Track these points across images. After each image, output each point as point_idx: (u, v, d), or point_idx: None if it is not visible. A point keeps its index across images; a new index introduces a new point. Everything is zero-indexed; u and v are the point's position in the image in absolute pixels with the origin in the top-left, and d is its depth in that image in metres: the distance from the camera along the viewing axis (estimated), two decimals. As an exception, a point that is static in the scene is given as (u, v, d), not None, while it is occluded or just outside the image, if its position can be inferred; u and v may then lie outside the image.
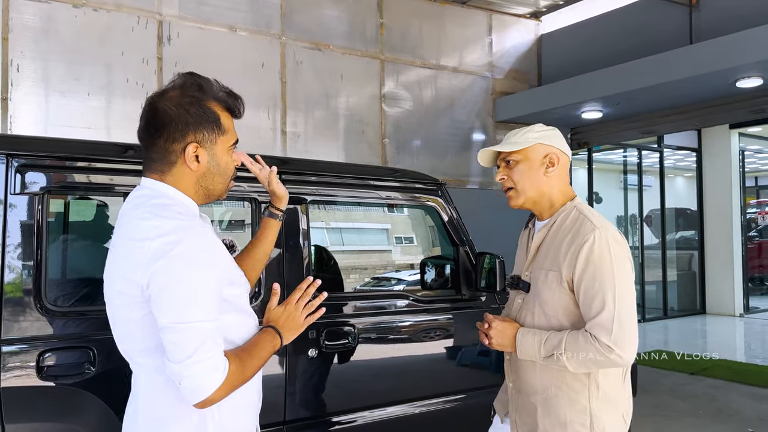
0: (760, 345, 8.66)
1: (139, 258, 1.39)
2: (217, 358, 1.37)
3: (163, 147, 1.49)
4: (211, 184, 1.56)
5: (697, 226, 11.39)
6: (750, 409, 5.31)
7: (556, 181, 1.90)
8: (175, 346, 1.35)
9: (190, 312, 1.36)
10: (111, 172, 2.36)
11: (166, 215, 1.43)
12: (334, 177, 2.99)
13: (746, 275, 11.20)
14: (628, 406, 1.89)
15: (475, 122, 8.11)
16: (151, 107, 1.50)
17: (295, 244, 2.76)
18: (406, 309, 3.11)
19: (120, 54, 5.69)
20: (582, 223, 1.80)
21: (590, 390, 1.80)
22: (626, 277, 1.75)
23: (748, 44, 5.75)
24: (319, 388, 2.78)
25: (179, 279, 1.36)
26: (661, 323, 10.30)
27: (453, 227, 3.25)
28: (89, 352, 2.21)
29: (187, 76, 1.54)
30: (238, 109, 1.59)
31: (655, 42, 7.05)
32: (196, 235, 1.42)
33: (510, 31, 8.55)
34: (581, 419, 1.80)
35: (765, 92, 6.65)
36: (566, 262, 1.78)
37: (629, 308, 1.73)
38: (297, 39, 6.75)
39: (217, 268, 1.44)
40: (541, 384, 1.87)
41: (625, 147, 10.90)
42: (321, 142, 6.83)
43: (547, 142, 1.89)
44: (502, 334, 1.88)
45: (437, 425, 3.13)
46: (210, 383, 1.35)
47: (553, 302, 1.83)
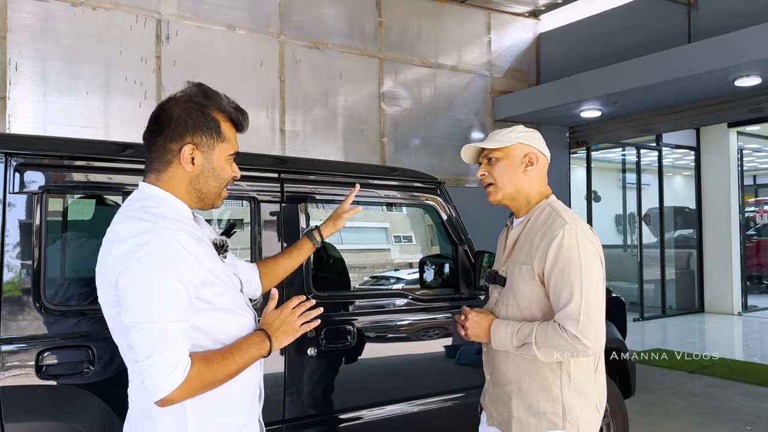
0: (758, 343, 8.67)
1: (111, 259, 1.47)
2: (177, 358, 1.40)
3: (161, 146, 1.57)
4: (204, 187, 1.62)
5: (696, 225, 11.40)
6: (748, 408, 5.32)
7: (534, 180, 2.00)
8: (137, 346, 1.41)
9: (150, 313, 1.41)
10: (110, 171, 2.36)
11: (139, 217, 1.49)
12: (334, 176, 2.99)
13: (744, 274, 11.22)
14: (602, 397, 1.96)
15: (474, 121, 8.11)
16: (158, 109, 1.61)
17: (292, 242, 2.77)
18: (405, 308, 3.11)
19: (118, 53, 5.68)
20: (554, 219, 1.89)
21: (562, 380, 1.87)
22: (594, 271, 1.82)
23: (746, 43, 5.76)
24: (319, 387, 2.78)
25: (140, 280, 1.41)
26: (659, 322, 10.31)
27: (452, 226, 3.26)
28: (88, 351, 2.21)
29: (196, 86, 1.62)
30: (242, 122, 1.66)
31: (653, 41, 7.06)
32: (164, 237, 1.45)
33: (509, 29, 8.55)
34: (554, 408, 1.87)
35: (763, 91, 6.65)
36: (538, 256, 1.87)
37: (596, 300, 1.80)
38: (296, 38, 6.75)
39: (183, 271, 1.46)
40: (515, 374, 1.94)
41: (623, 146, 10.90)
42: (320, 140, 6.83)
43: (528, 143, 1.99)
44: (478, 325, 1.97)
45: (436, 424, 3.13)
46: (166, 383, 1.39)
47: (525, 295, 1.91)
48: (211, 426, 1.55)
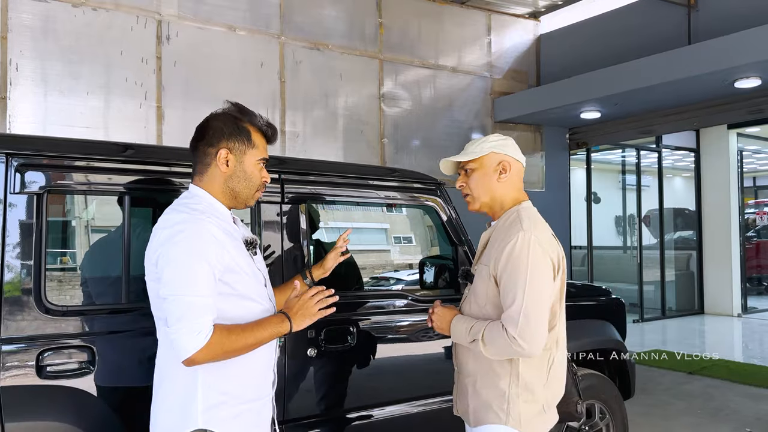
0: (758, 345, 8.67)
1: (154, 242, 1.79)
2: (202, 326, 1.68)
3: (202, 150, 1.90)
4: (236, 187, 1.91)
5: (696, 226, 11.40)
6: (748, 409, 5.32)
7: (509, 188, 2.10)
8: (169, 313, 1.71)
9: (182, 286, 1.70)
10: (111, 172, 2.36)
11: (180, 210, 1.82)
12: (334, 177, 2.99)
13: (744, 275, 11.22)
14: (552, 398, 2.05)
15: (473, 122, 8.12)
16: (203, 122, 1.94)
17: (295, 244, 2.77)
18: (405, 309, 3.11)
19: (119, 53, 5.69)
20: (513, 225, 2.00)
21: (511, 377, 1.98)
22: (540, 277, 1.91)
23: (746, 44, 5.76)
24: (318, 388, 2.79)
25: (175, 260, 1.72)
26: (659, 323, 10.31)
27: (452, 227, 3.26)
28: (89, 352, 2.22)
29: (234, 104, 1.96)
30: (269, 134, 1.98)
31: (653, 42, 7.07)
32: (196, 226, 1.76)
33: (509, 31, 8.56)
34: (499, 402, 1.98)
35: (763, 92, 6.66)
36: (494, 258, 1.99)
37: (537, 305, 1.89)
38: (296, 38, 6.76)
39: (210, 254, 1.74)
40: (473, 367, 2.07)
41: (623, 147, 10.90)
42: (320, 141, 6.84)
43: (501, 151, 2.08)
44: (442, 318, 2.11)
45: (436, 424, 3.13)
46: (191, 345, 1.67)
47: (483, 294, 2.03)
48: (218, 395, 1.78)
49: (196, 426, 1.75)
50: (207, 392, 1.77)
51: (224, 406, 1.79)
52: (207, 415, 1.76)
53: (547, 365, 2.02)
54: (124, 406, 2.28)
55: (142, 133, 5.68)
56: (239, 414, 1.82)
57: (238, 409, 1.82)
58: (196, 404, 1.76)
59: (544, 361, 2.01)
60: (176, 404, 1.78)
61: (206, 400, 1.77)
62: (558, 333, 2.05)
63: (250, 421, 1.86)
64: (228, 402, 1.80)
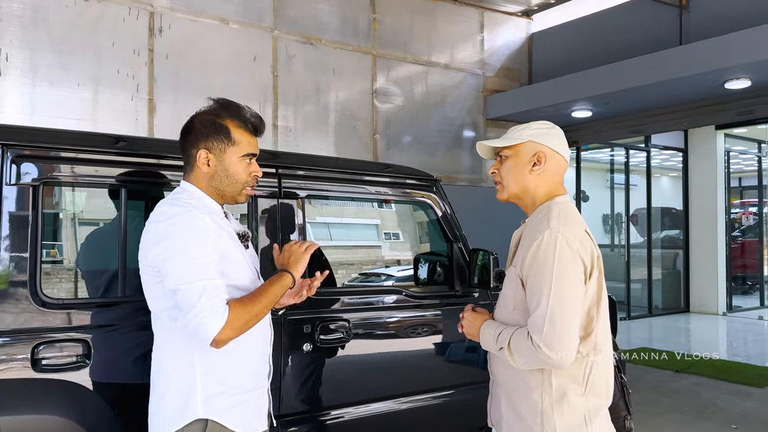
0: (743, 343, 8.78)
1: (150, 236, 1.81)
2: (217, 306, 1.71)
3: (186, 151, 1.94)
4: (220, 185, 1.92)
5: (682, 226, 11.51)
6: (734, 407, 5.39)
7: (542, 181, 1.93)
8: (183, 303, 1.72)
9: (188, 275, 1.72)
10: (108, 164, 2.34)
11: (173, 204, 1.85)
12: (329, 172, 2.98)
13: (729, 274, 11.35)
14: (593, 408, 1.83)
15: (465, 119, 8.13)
16: (187, 122, 1.96)
17: (290, 239, 2.77)
18: (400, 305, 3.12)
19: (110, 45, 5.63)
20: (541, 222, 1.84)
21: (543, 386, 1.81)
22: (567, 279, 1.74)
23: (737, 46, 5.82)
24: (313, 383, 2.78)
25: (177, 251, 1.75)
26: (645, 321, 10.41)
27: (447, 223, 3.27)
28: (84, 345, 2.20)
29: (217, 101, 1.95)
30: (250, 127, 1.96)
31: (645, 42, 7.11)
32: (189, 218, 1.79)
33: (501, 28, 8.57)
34: (533, 416, 1.82)
35: (753, 94, 6.72)
36: (521, 258, 1.84)
37: (564, 311, 1.72)
38: (289, 32, 6.73)
39: (208, 241, 1.78)
40: (504, 376, 1.92)
41: (612, 146, 10.98)
42: (312, 136, 6.81)
43: (540, 141, 1.92)
44: (471, 324, 1.99)
45: (430, 420, 3.14)
46: (213, 326, 1.69)
47: (511, 297, 1.88)
48: (217, 385, 1.81)
49: (197, 416, 1.78)
50: (206, 382, 1.80)
51: (223, 396, 1.82)
52: (207, 404, 1.79)
53: (584, 373, 1.81)
54: (120, 400, 2.27)
55: (133, 125, 5.63)
56: (238, 404, 1.85)
57: (237, 399, 1.85)
58: (195, 394, 1.78)
59: (580, 369, 1.81)
60: (176, 395, 1.80)
61: (205, 390, 1.79)
62: (597, 341, 1.84)
63: (249, 410, 1.89)
64: (226, 392, 1.83)
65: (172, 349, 1.82)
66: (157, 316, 1.86)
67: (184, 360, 1.78)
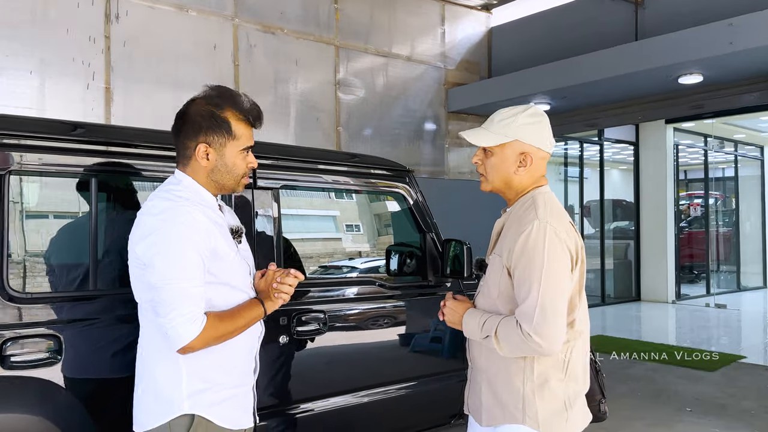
0: (692, 330, 9.12)
1: (140, 229, 1.76)
2: (196, 314, 1.68)
3: (182, 143, 1.86)
4: (220, 179, 1.87)
5: (634, 217, 11.87)
6: (687, 391, 5.60)
7: (527, 176, 1.93)
8: (162, 302, 1.69)
9: (172, 275, 1.68)
10: (76, 152, 2.26)
11: (166, 197, 1.79)
12: (307, 162, 2.96)
13: (678, 264, 11.78)
14: (572, 394, 1.88)
15: (427, 112, 8.17)
16: (181, 111, 1.86)
17: (266, 231, 2.73)
18: (372, 295, 3.12)
19: (65, 31, 5.42)
20: (527, 213, 1.85)
21: (525, 373, 1.84)
22: (556, 269, 1.77)
23: (690, 42, 6.01)
24: (288, 375, 2.76)
25: (164, 248, 1.70)
26: (599, 309, 10.70)
27: (420, 214, 3.28)
28: (56, 341, 2.13)
29: (212, 89, 1.86)
30: (253, 119, 1.89)
31: (602, 38, 7.27)
32: (182, 214, 1.73)
33: (462, 22, 8.63)
34: (515, 402, 1.84)
35: (705, 88, 6.97)
36: (507, 248, 1.84)
37: (554, 300, 1.75)
38: (250, 21, 6.61)
39: (198, 240, 1.72)
40: (485, 363, 1.93)
41: (566, 140, 11.22)
42: (274, 127, 6.72)
43: (526, 140, 1.89)
44: (453, 312, 1.98)
45: (404, 409, 3.16)
46: (188, 333, 1.66)
47: (495, 286, 1.89)
48: (202, 382, 1.78)
49: (182, 411, 1.75)
50: (191, 379, 1.76)
51: (208, 392, 1.79)
52: (191, 400, 1.76)
53: (565, 359, 1.86)
54: (94, 398, 2.20)
55: (90, 115, 5.44)
56: (224, 400, 1.82)
57: (222, 395, 1.82)
58: (180, 391, 1.75)
59: (561, 356, 1.85)
60: (160, 391, 1.77)
61: (190, 386, 1.76)
62: (578, 328, 1.88)
63: (234, 406, 1.86)
64: (212, 388, 1.80)
65: (158, 342, 1.77)
66: (143, 308, 1.82)
67: (170, 354, 1.73)
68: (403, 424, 3.22)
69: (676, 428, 4.61)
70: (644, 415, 4.91)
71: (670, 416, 4.87)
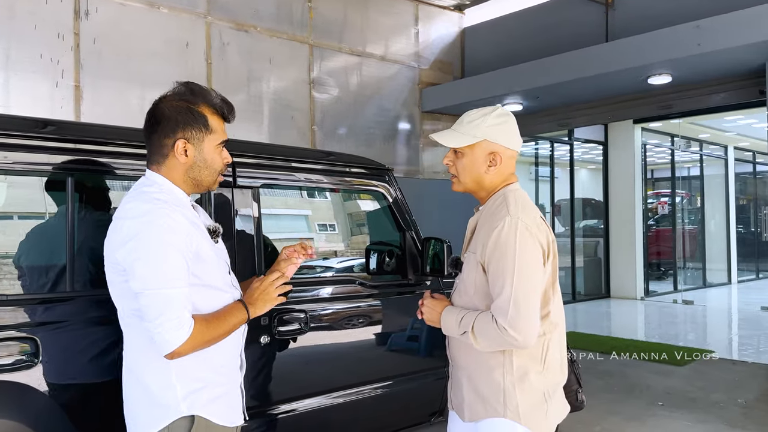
0: (661, 325, 9.31)
1: (118, 233, 1.70)
2: (183, 319, 1.65)
3: (157, 142, 1.80)
4: (198, 176, 1.84)
5: (603, 216, 12.08)
6: (658, 385, 5.71)
7: (497, 175, 1.98)
8: (147, 309, 1.65)
9: (157, 281, 1.64)
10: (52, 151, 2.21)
11: (144, 199, 1.73)
12: (285, 161, 2.94)
13: (646, 261, 12.02)
14: (551, 385, 1.93)
15: (401, 111, 8.18)
16: (153, 108, 1.81)
17: (246, 230, 2.70)
18: (353, 294, 3.11)
19: (32, 28, 5.28)
20: (499, 209, 1.90)
21: (504, 367, 1.88)
22: (529, 263, 1.82)
23: (659, 43, 6.13)
24: (270, 376, 2.74)
25: (147, 253, 1.65)
26: (570, 306, 10.85)
27: (400, 212, 3.29)
28: (32, 343, 2.07)
29: (183, 84, 1.82)
30: (227, 113, 1.87)
31: (573, 38, 7.37)
32: (162, 216, 1.68)
33: (435, 22, 8.66)
34: (496, 395, 1.88)
35: (673, 89, 7.11)
36: (481, 245, 1.89)
37: (527, 293, 1.80)
38: (222, 19, 6.53)
39: (180, 243, 1.69)
40: (465, 360, 1.97)
41: (537, 140, 11.35)
42: (248, 126, 6.66)
43: (495, 140, 1.94)
44: (431, 310, 2.01)
45: (384, 407, 3.16)
46: (175, 339, 1.64)
47: (471, 283, 1.93)
48: (194, 381, 1.75)
49: (180, 414, 1.72)
50: (183, 380, 1.73)
51: (203, 390, 1.77)
52: (188, 401, 1.73)
53: (542, 352, 1.91)
54: (72, 401, 2.15)
55: (59, 113, 5.31)
56: (218, 397, 1.80)
57: (216, 392, 1.80)
58: (174, 393, 1.72)
59: (538, 348, 1.90)
60: (153, 397, 1.73)
61: (184, 386, 1.73)
62: (553, 320, 1.94)
63: (227, 404, 1.84)
64: (206, 387, 1.78)
65: (144, 348, 1.72)
66: (126, 315, 1.77)
67: (157, 359, 1.69)
68: (383, 423, 3.22)
69: (649, 422, 4.70)
70: (620, 409, 5.00)
71: (644, 410, 4.96)
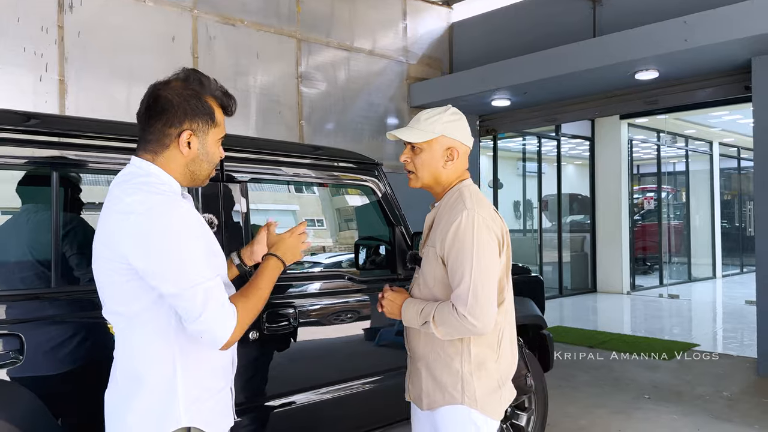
0: (647, 319, 9.39)
1: (125, 229, 1.55)
2: (226, 307, 1.58)
3: (160, 130, 1.66)
4: (198, 169, 1.73)
5: (589, 211, 12.16)
6: (645, 378, 5.77)
7: (453, 171, 2.07)
8: (186, 310, 1.55)
9: (189, 277, 1.54)
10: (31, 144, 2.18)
11: (150, 191, 1.59)
12: (273, 155, 2.92)
13: (632, 256, 12.12)
14: (505, 374, 2.06)
15: (390, 107, 8.16)
16: (154, 94, 1.67)
17: (235, 224, 2.68)
18: (342, 289, 3.10)
19: (15, 20, 5.20)
20: (456, 204, 1.99)
21: (462, 356, 1.98)
22: (486, 254, 1.92)
23: (646, 39, 6.16)
24: (259, 372, 2.73)
25: (172, 250, 1.54)
26: (557, 301, 10.92)
27: (389, 207, 3.28)
28: (18, 340, 2.04)
29: (190, 71, 1.71)
30: (230, 107, 1.77)
31: (561, 34, 7.38)
32: (179, 208, 1.58)
33: (423, 16, 8.64)
34: (453, 383, 1.98)
35: (660, 84, 7.15)
36: (439, 238, 1.98)
37: (485, 283, 1.90)
38: (209, 12, 6.47)
39: (199, 236, 1.62)
40: (424, 350, 2.06)
41: (524, 135, 11.39)
42: (235, 121, 6.57)
43: (452, 135, 2.03)
44: (392, 303, 2.08)
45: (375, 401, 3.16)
46: (226, 330, 1.57)
47: (430, 275, 2.02)
48: (198, 390, 1.67)
49: (179, 425, 1.62)
50: (188, 386, 1.64)
51: (203, 399, 1.68)
52: (190, 412, 1.64)
53: (497, 341, 2.02)
54: (58, 399, 2.13)
55: (43, 107, 5.24)
56: (215, 405, 1.73)
57: (214, 400, 1.73)
58: (177, 402, 1.62)
59: (494, 337, 2.01)
60: (153, 405, 1.61)
61: (188, 394, 1.64)
62: (506, 308, 2.04)
63: (221, 410, 1.77)
64: (203, 395, 1.69)
65: (147, 353, 1.62)
66: (128, 317, 1.64)
67: (162, 364, 1.61)
68: (373, 418, 3.21)
69: (635, 415, 4.74)
70: (606, 403, 5.04)
71: (630, 404, 5.01)
